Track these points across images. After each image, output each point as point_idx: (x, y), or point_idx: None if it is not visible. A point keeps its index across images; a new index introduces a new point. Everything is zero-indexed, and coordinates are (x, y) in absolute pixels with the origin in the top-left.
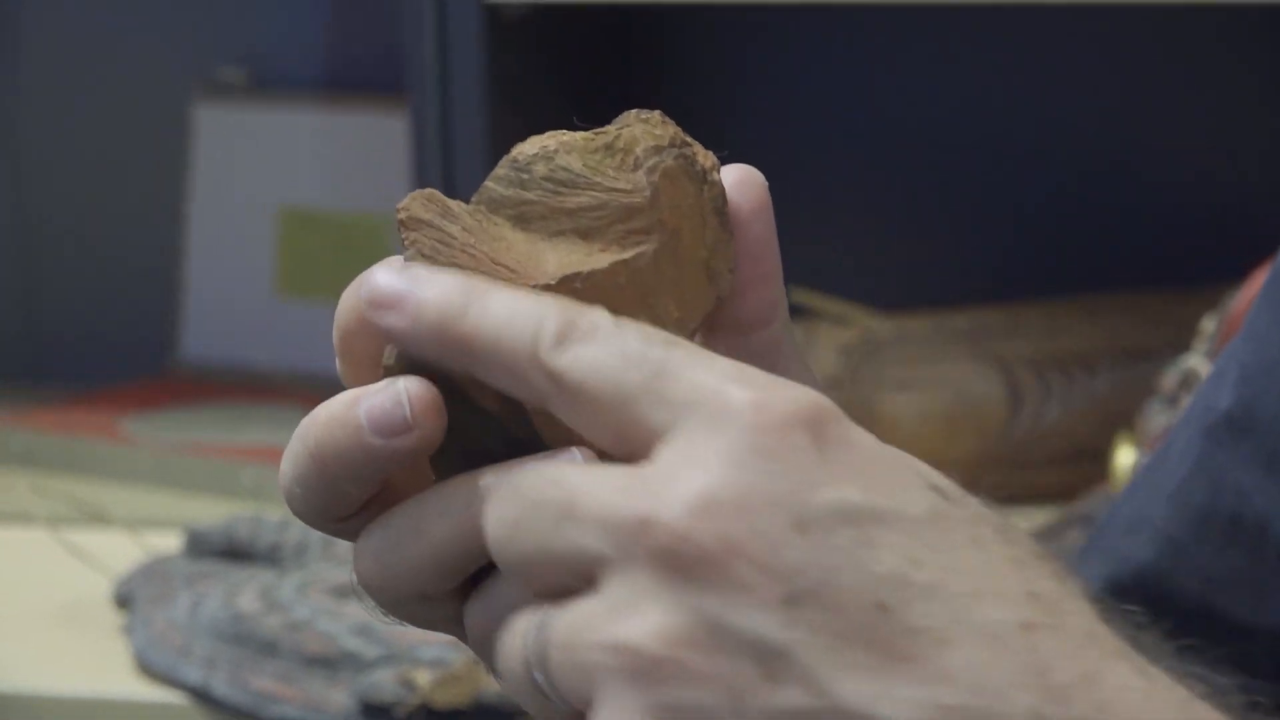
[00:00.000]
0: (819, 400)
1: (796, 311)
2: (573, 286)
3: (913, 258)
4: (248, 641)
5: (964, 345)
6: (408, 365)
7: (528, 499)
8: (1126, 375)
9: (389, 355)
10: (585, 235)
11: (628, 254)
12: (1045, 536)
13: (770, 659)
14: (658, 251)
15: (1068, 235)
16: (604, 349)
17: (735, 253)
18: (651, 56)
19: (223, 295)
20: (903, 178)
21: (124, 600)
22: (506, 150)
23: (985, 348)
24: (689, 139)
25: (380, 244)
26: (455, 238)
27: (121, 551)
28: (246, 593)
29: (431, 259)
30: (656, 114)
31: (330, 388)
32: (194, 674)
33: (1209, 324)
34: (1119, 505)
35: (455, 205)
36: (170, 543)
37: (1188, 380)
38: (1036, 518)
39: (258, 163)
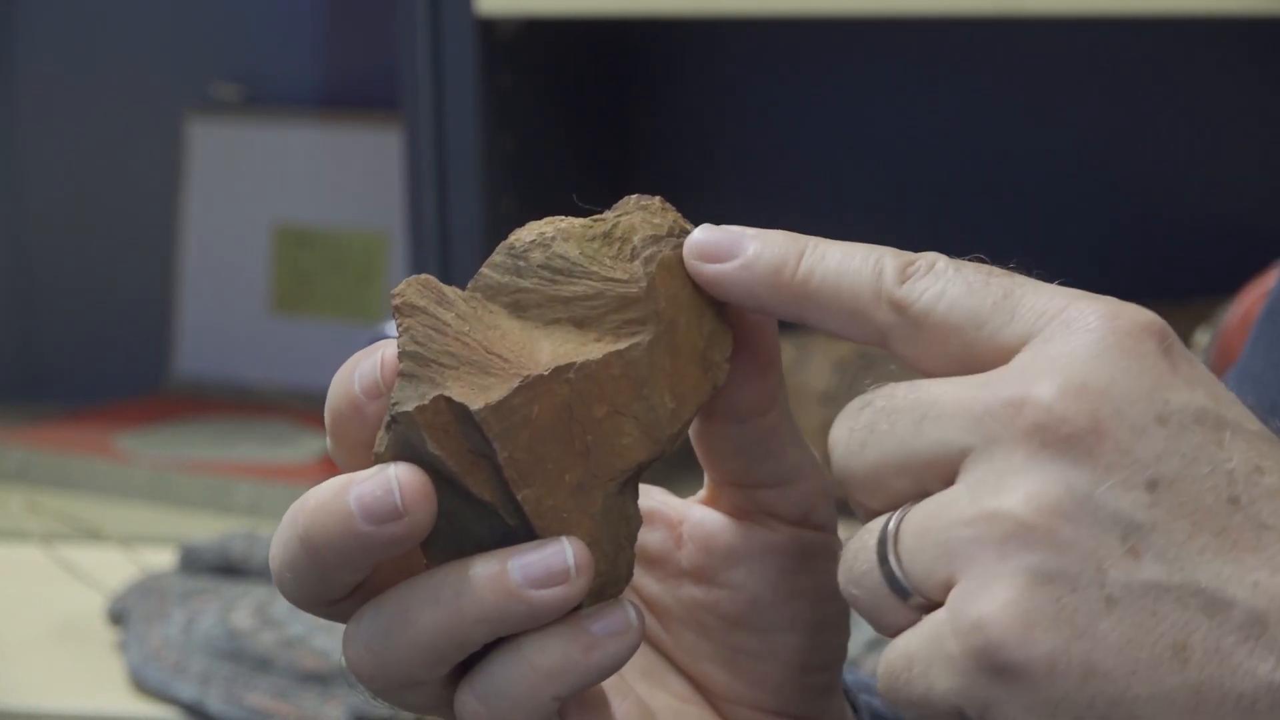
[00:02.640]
0: (1158, 318)
1: (790, 326)
2: (565, 377)
3: None
4: (242, 658)
5: None
6: (398, 452)
7: (882, 407)
8: None
9: (380, 442)
10: (580, 324)
11: (622, 344)
12: None
13: (1133, 534)
14: (653, 342)
15: (1060, 248)
16: (948, 279)
17: (732, 343)
18: (644, 72)
19: (217, 312)
20: (895, 190)
21: (118, 617)
22: (500, 166)
23: None
24: (687, 224)
25: (374, 260)
26: (449, 325)
27: (116, 568)
28: (241, 609)
29: (424, 345)
30: (656, 200)
31: (323, 404)
32: (188, 690)
33: (1202, 337)
34: None
35: (451, 291)
36: (165, 559)
37: None
38: None
39: (252, 179)
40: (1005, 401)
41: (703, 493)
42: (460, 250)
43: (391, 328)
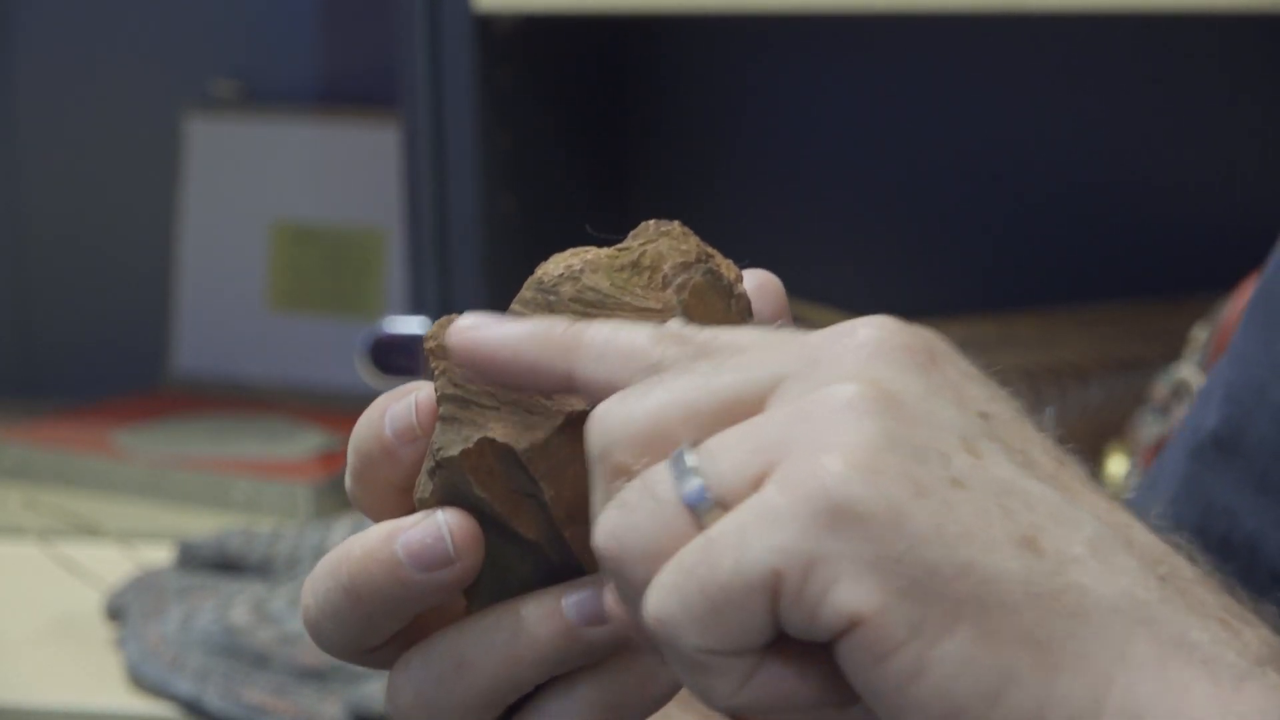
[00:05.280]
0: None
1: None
2: None
3: (905, 269)
4: (240, 654)
5: None
6: (444, 497)
7: (671, 357)
8: (1118, 385)
9: (423, 488)
10: None
11: None
12: None
13: (973, 440)
14: None
15: (1060, 246)
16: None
17: None
18: (643, 69)
19: (215, 309)
20: (895, 189)
21: (116, 613)
22: (499, 163)
23: (977, 359)
24: (711, 250)
25: (373, 257)
26: None
27: (113, 564)
28: (238, 605)
29: (462, 387)
30: (676, 225)
31: (322, 401)
32: (186, 687)
33: (1200, 333)
34: None
35: None
36: (162, 556)
37: (1179, 390)
38: None
39: (250, 176)
40: (829, 333)
41: None
42: (458, 247)
43: (392, 322)
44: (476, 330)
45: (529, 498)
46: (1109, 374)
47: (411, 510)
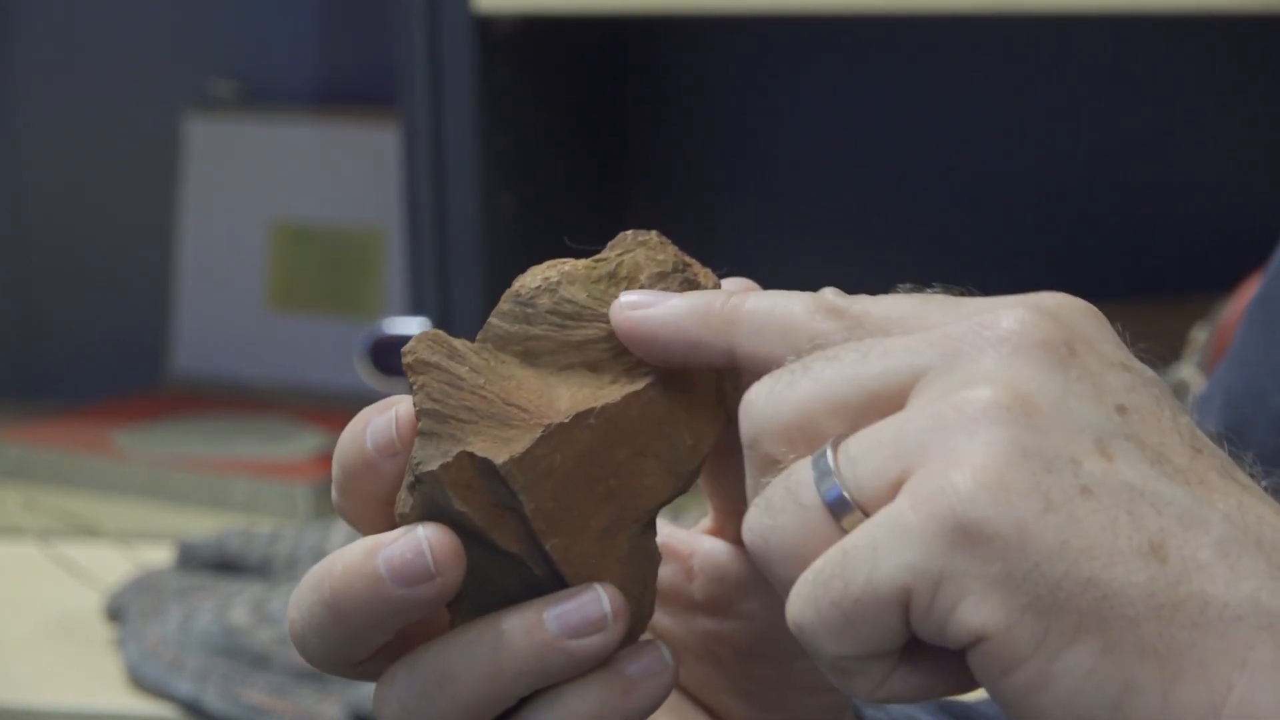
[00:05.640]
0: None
1: None
2: (587, 423)
3: (904, 269)
4: (239, 655)
5: None
6: (424, 512)
7: (819, 354)
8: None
9: (404, 503)
10: (594, 368)
11: (638, 385)
12: None
13: (1106, 441)
14: (668, 379)
15: (1057, 246)
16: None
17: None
18: (641, 69)
19: (214, 309)
20: (895, 190)
21: (115, 614)
22: (498, 163)
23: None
24: (688, 259)
25: (371, 257)
26: (464, 379)
27: (113, 565)
28: (238, 606)
29: (441, 402)
30: (654, 235)
31: (321, 401)
32: (185, 687)
33: (1199, 334)
34: None
35: (461, 345)
36: (162, 556)
37: (1178, 390)
38: None
39: (249, 176)
40: (972, 323)
41: (707, 522)
42: (457, 247)
43: (391, 322)
44: (637, 310)
45: (509, 511)
46: None
47: (395, 523)
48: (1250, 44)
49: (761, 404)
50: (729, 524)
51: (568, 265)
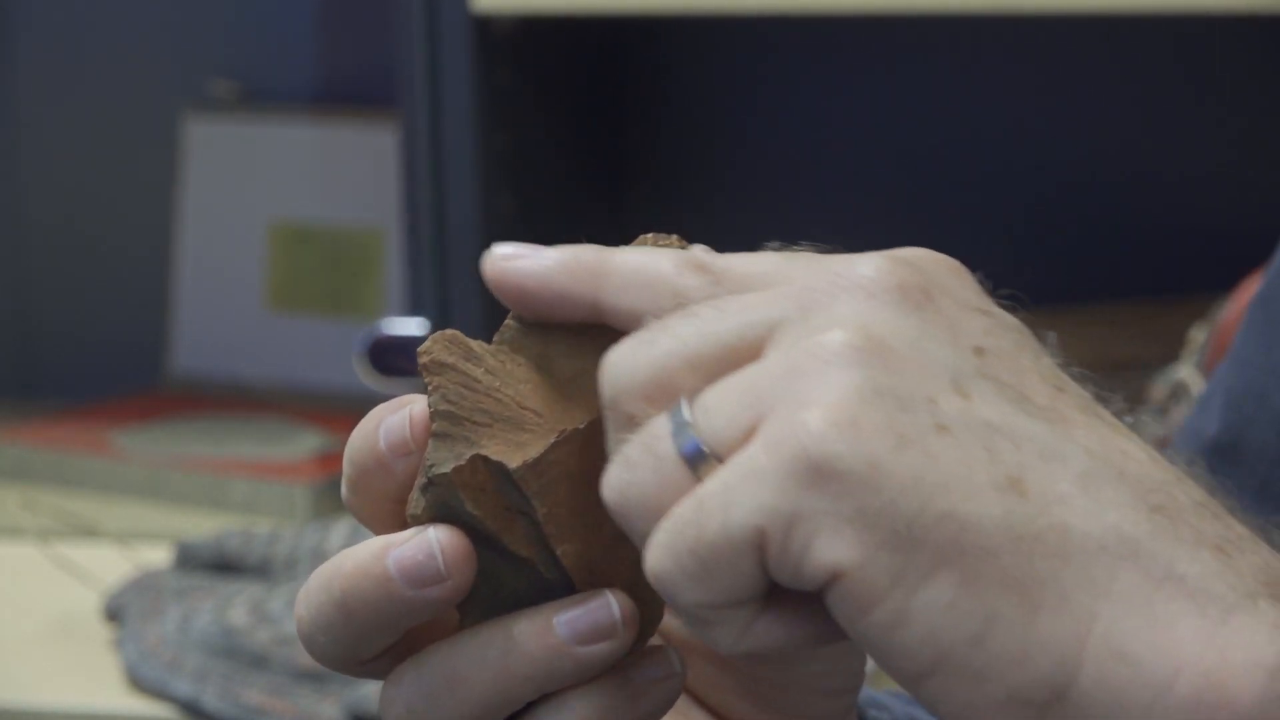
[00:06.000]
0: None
1: None
2: (601, 429)
3: None
4: (238, 655)
5: None
6: (436, 513)
7: (677, 315)
8: (1116, 385)
9: (415, 504)
10: None
11: None
12: None
13: (962, 381)
14: None
15: (1058, 246)
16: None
17: None
18: (641, 69)
19: (213, 309)
20: (894, 190)
21: (114, 614)
22: (497, 164)
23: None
24: None
25: (371, 258)
26: (480, 381)
27: (112, 565)
28: (237, 606)
29: (456, 404)
30: (674, 239)
31: (320, 401)
32: (184, 688)
33: (1198, 334)
34: None
35: (477, 346)
36: (160, 556)
37: (1177, 390)
38: None
39: (248, 177)
40: (829, 274)
41: None
42: (456, 247)
43: (390, 323)
44: (509, 260)
45: (521, 515)
46: (1106, 374)
47: (405, 522)
48: (1249, 44)
49: (622, 363)
50: None
51: None
